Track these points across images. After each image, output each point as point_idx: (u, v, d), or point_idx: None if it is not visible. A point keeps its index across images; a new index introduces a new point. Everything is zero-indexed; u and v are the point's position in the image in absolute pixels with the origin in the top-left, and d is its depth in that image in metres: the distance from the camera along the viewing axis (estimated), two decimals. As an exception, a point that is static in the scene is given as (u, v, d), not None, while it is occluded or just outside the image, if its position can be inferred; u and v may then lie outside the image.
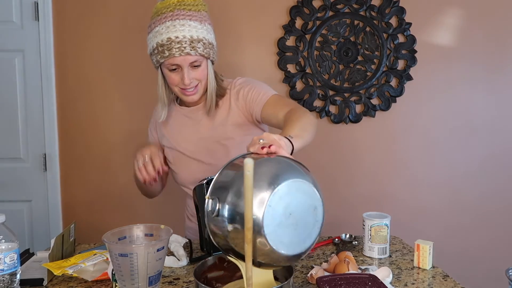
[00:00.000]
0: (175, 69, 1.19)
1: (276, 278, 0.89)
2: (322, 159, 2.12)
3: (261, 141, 0.81)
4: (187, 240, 1.23)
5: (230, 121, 1.27)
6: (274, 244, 0.71)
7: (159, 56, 1.17)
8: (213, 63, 1.25)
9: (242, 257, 0.73)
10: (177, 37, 1.13)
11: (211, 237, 0.78)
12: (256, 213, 0.70)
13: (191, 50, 1.15)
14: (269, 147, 0.79)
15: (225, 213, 0.73)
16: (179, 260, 1.09)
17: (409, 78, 2.08)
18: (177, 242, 1.16)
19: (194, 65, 1.19)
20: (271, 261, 0.75)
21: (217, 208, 0.73)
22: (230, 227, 0.72)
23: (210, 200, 0.75)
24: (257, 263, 0.75)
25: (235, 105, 1.27)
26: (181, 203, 2.05)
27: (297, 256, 0.76)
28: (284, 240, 0.72)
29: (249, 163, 0.68)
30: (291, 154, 0.89)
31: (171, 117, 1.35)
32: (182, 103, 1.35)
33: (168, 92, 1.28)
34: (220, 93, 1.28)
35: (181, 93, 1.24)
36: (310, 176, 0.78)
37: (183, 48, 1.14)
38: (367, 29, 2.06)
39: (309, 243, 0.76)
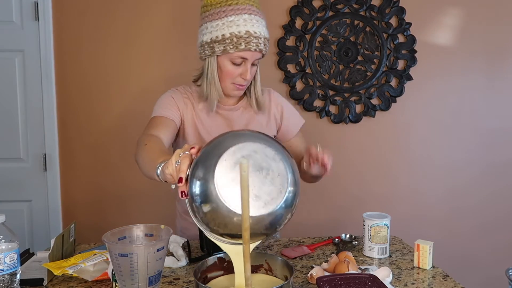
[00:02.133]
0: (239, 63, 1.18)
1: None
2: (322, 159, 2.12)
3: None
4: (186, 240, 1.23)
5: (268, 131, 1.32)
6: (223, 196, 0.70)
7: (231, 46, 1.14)
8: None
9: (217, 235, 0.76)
10: (255, 32, 1.14)
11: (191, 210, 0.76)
12: (212, 164, 0.71)
13: (263, 48, 1.17)
14: None
15: (193, 186, 0.73)
16: (178, 260, 1.09)
17: (409, 78, 2.08)
18: (175, 243, 1.16)
19: (254, 63, 1.21)
20: (229, 226, 0.73)
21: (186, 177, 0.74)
22: (195, 199, 0.73)
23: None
24: (215, 230, 0.75)
25: (273, 119, 1.33)
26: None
27: (258, 223, 0.72)
28: (236, 196, 0.70)
29: (244, 163, 0.68)
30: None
31: (201, 109, 1.30)
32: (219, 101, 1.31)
33: (218, 84, 1.24)
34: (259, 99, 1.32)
35: (232, 87, 1.23)
36: (283, 153, 0.75)
37: (259, 44, 1.15)
38: (367, 29, 2.06)
39: (269, 209, 0.72)
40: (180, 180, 0.75)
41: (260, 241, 0.79)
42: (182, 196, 0.75)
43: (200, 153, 0.75)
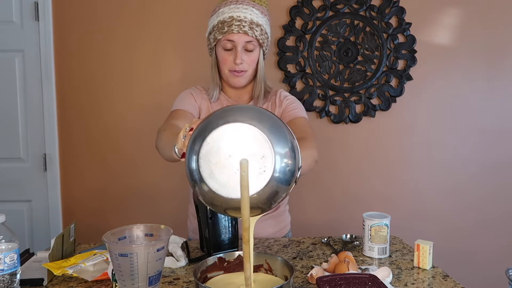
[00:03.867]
0: (229, 49, 1.25)
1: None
2: (322, 159, 2.12)
3: None
4: (184, 241, 1.23)
5: None
6: (206, 179, 0.70)
7: (218, 33, 1.24)
8: (264, 56, 1.32)
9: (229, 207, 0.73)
10: (238, 16, 1.21)
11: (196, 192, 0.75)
12: (195, 148, 0.70)
13: (249, 30, 1.22)
14: None
15: (188, 161, 0.72)
16: (177, 261, 1.09)
17: (409, 78, 2.08)
18: (174, 243, 1.16)
19: (247, 49, 1.25)
20: (218, 203, 0.73)
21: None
22: (189, 176, 0.72)
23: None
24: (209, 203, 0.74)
25: (277, 112, 1.35)
26: (181, 203, 2.06)
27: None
28: (219, 179, 0.70)
29: (244, 163, 0.68)
30: None
31: (218, 105, 1.35)
32: (227, 92, 1.36)
33: (219, 75, 1.33)
34: (266, 89, 1.35)
35: (230, 75, 1.28)
36: (273, 130, 0.72)
37: (242, 27, 1.21)
38: (367, 29, 2.06)
39: (251, 191, 0.70)
40: (183, 155, 0.78)
41: (257, 215, 0.77)
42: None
43: (195, 129, 0.75)
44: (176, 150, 0.90)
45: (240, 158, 0.69)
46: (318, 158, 1.18)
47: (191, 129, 0.77)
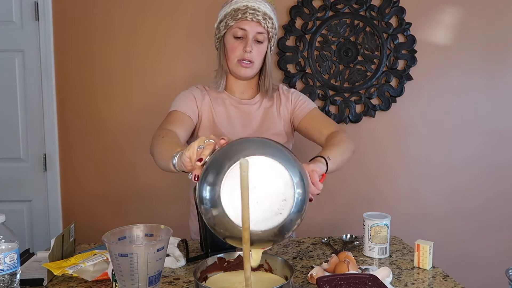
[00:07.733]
0: (240, 37, 1.25)
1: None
2: (322, 159, 2.12)
3: None
4: (180, 240, 1.23)
5: (281, 118, 1.35)
6: (226, 207, 0.71)
7: (230, 19, 1.24)
8: (270, 52, 1.33)
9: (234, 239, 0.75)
10: (253, 6, 1.23)
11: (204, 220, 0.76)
12: (217, 180, 0.71)
13: (262, 20, 1.24)
14: None
15: (201, 189, 0.73)
16: (177, 261, 1.09)
17: (409, 78, 2.08)
18: (170, 244, 1.16)
19: (257, 40, 1.26)
20: (233, 234, 0.73)
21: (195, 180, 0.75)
22: (203, 202, 0.73)
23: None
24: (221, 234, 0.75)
25: (285, 107, 1.36)
26: (181, 203, 2.06)
27: (261, 235, 0.73)
28: (236, 206, 0.71)
29: (244, 163, 0.68)
30: (325, 173, 0.97)
31: (219, 104, 1.34)
32: (231, 86, 1.36)
33: (226, 64, 1.32)
34: (272, 87, 1.36)
35: (237, 65, 1.28)
36: (288, 169, 0.73)
37: (256, 15, 1.23)
38: (367, 29, 2.06)
39: (265, 227, 0.72)
40: (200, 159, 0.75)
41: (268, 248, 0.79)
42: (195, 179, 0.76)
43: (212, 158, 0.75)
44: (175, 161, 0.89)
45: (263, 193, 0.70)
46: (355, 148, 1.24)
47: (221, 139, 0.78)
